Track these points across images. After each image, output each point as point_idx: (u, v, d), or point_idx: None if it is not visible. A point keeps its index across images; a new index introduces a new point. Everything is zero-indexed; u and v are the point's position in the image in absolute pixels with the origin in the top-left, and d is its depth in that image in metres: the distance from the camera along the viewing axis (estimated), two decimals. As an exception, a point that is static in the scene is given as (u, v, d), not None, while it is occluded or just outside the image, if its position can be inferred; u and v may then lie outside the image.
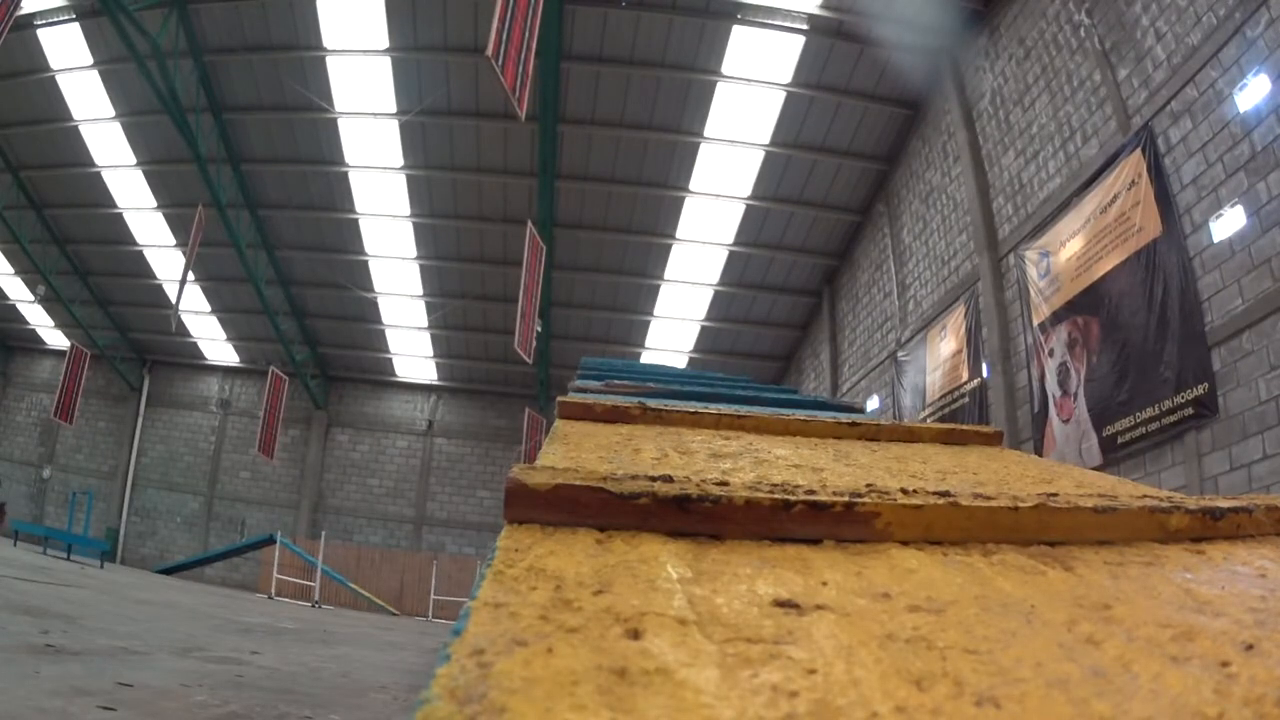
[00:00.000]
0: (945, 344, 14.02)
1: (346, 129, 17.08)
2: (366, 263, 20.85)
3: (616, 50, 14.98)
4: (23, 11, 12.67)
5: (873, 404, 16.58)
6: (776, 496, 0.87)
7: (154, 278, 22.19)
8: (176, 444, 25.57)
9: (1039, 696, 0.51)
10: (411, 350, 24.51)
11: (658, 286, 20.40)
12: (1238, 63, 8.19)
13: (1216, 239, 8.35)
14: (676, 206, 17.91)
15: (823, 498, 0.88)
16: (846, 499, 0.88)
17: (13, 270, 22.65)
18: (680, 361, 21.93)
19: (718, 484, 0.91)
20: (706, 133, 16.21)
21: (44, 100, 16.95)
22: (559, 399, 2.03)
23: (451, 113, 16.33)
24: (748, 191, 17.47)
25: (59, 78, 16.47)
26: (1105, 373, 9.90)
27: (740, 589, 0.71)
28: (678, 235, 18.64)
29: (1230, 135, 8.27)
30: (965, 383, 13.18)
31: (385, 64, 15.49)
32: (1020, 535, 0.90)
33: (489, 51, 8.65)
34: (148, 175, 18.83)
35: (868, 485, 1.03)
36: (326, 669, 3.25)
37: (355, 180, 18.34)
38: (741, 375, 5.36)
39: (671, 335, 22.32)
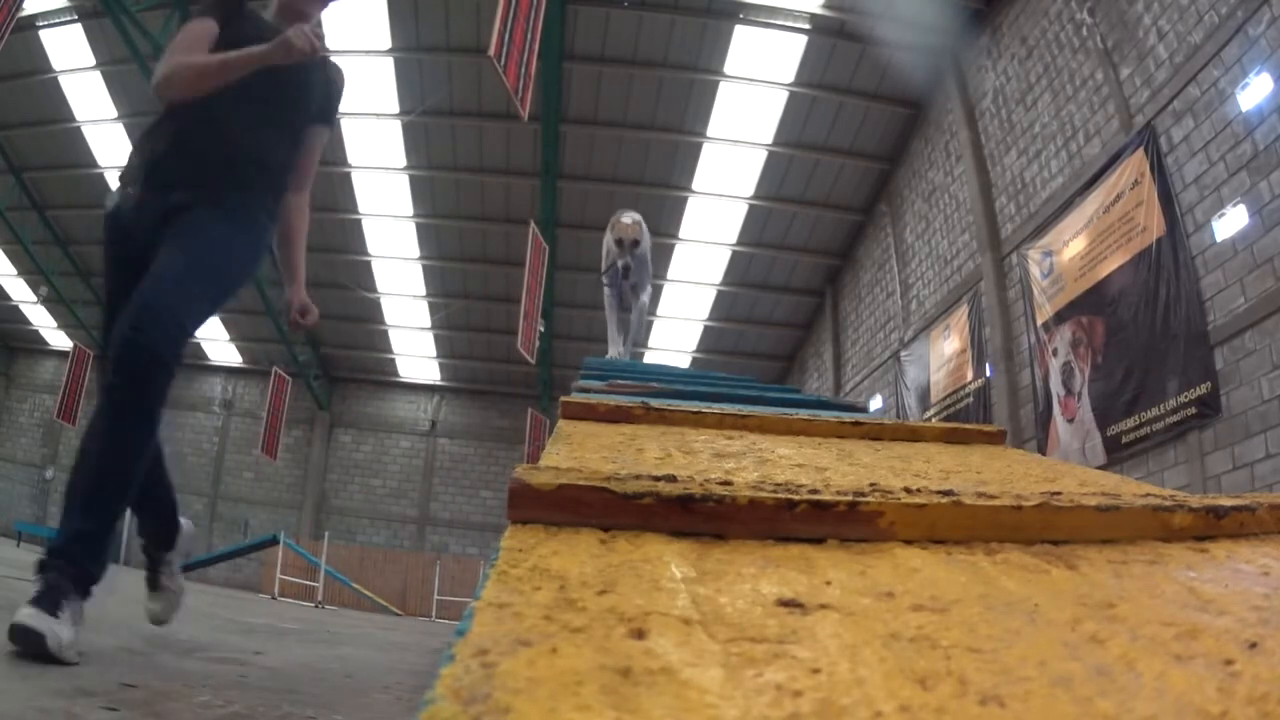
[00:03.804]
0: (948, 343, 14.01)
1: (349, 129, 17.09)
2: (369, 263, 20.86)
3: (619, 50, 14.98)
4: (24, 13, 12.69)
5: (876, 403, 16.57)
6: (780, 496, 0.87)
7: (157, 279, 22.18)
8: (180, 445, 25.54)
9: (1043, 695, 0.51)
10: (414, 350, 24.52)
11: (661, 286, 20.40)
12: (1240, 61, 8.18)
13: (1219, 238, 8.34)
14: (679, 206, 17.91)
15: (826, 497, 0.88)
16: (850, 498, 0.88)
17: (15, 271, 22.68)
18: (683, 361, 21.93)
19: (721, 484, 0.91)
20: (709, 133, 16.21)
21: (46, 101, 16.97)
22: (562, 399, 2.03)
23: (454, 113, 16.33)
24: (750, 191, 17.46)
25: (61, 79, 16.49)
26: (1109, 372, 9.89)
27: (744, 588, 0.71)
28: (680, 235, 18.64)
29: (1232, 134, 8.26)
30: (969, 382, 13.16)
31: (388, 64, 15.50)
32: (1024, 534, 0.90)
33: (491, 51, 8.66)
34: (150, 176, 18.82)
35: (871, 484, 1.03)
36: (330, 669, 3.25)
37: (358, 181, 18.34)
38: (744, 375, 5.36)
39: (674, 335, 22.32)
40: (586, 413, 1.91)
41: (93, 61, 16.04)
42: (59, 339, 25.18)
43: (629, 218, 6.60)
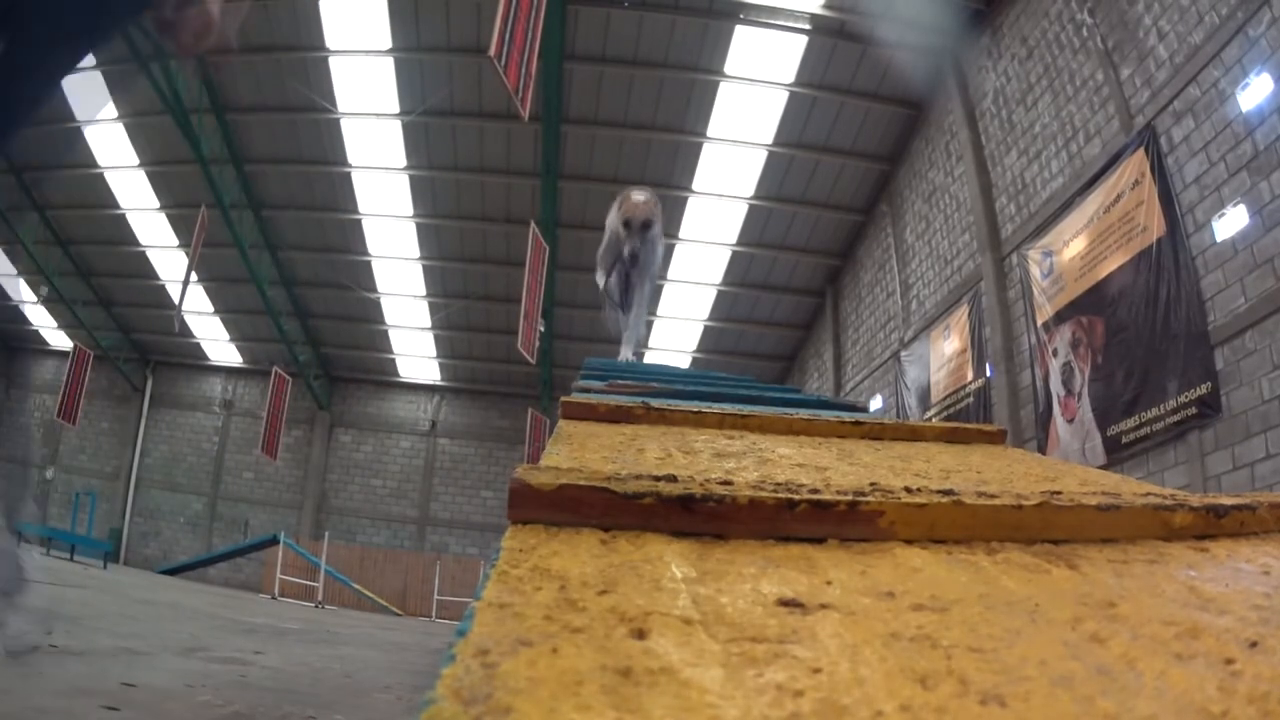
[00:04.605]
0: (949, 344, 14.01)
1: (349, 129, 17.10)
2: (369, 263, 20.87)
3: (619, 50, 14.98)
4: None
5: (876, 403, 16.57)
6: (780, 496, 0.87)
7: (157, 278, 22.22)
8: (180, 444, 25.59)
9: (1044, 694, 0.51)
10: (415, 351, 24.53)
11: (661, 286, 20.40)
12: (1240, 62, 8.18)
13: (1219, 238, 8.35)
14: (680, 207, 17.91)
15: (827, 497, 0.88)
16: (850, 498, 0.88)
17: (15, 271, 22.68)
18: (684, 361, 21.93)
19: (722, 483, 0.91)
20: (709, 133, 16.22)
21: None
22: (562, 399, 2.03)
23: (454, 113, 16.34)
24: (751, 191, 17.47)
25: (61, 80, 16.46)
26: (1109, 372, 9.89)
27: (745, 588, 0.71)
28: (681, 235, 18.64)
29: (1233, 134, 8.26)
30: (969, 382, 13.17)
31: (388, 64, 15.51)
32: (1024, 533, 0.90)
33: (492, 51, 8.66)
34: (150, 176, 18.85)
35: (871, 484, 1.03)
36: (330, 669, 3.25)
37: (358, 181, 18.35)
38: (745, 375, 5.34)
39: (675, 335, 22.32)
40: (587, 413, 1.91)
41: (93, 62, 16.03)
42: (59, 339, 25.19)
43: (641, 194, 5.49)
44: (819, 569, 0.78)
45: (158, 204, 19.66)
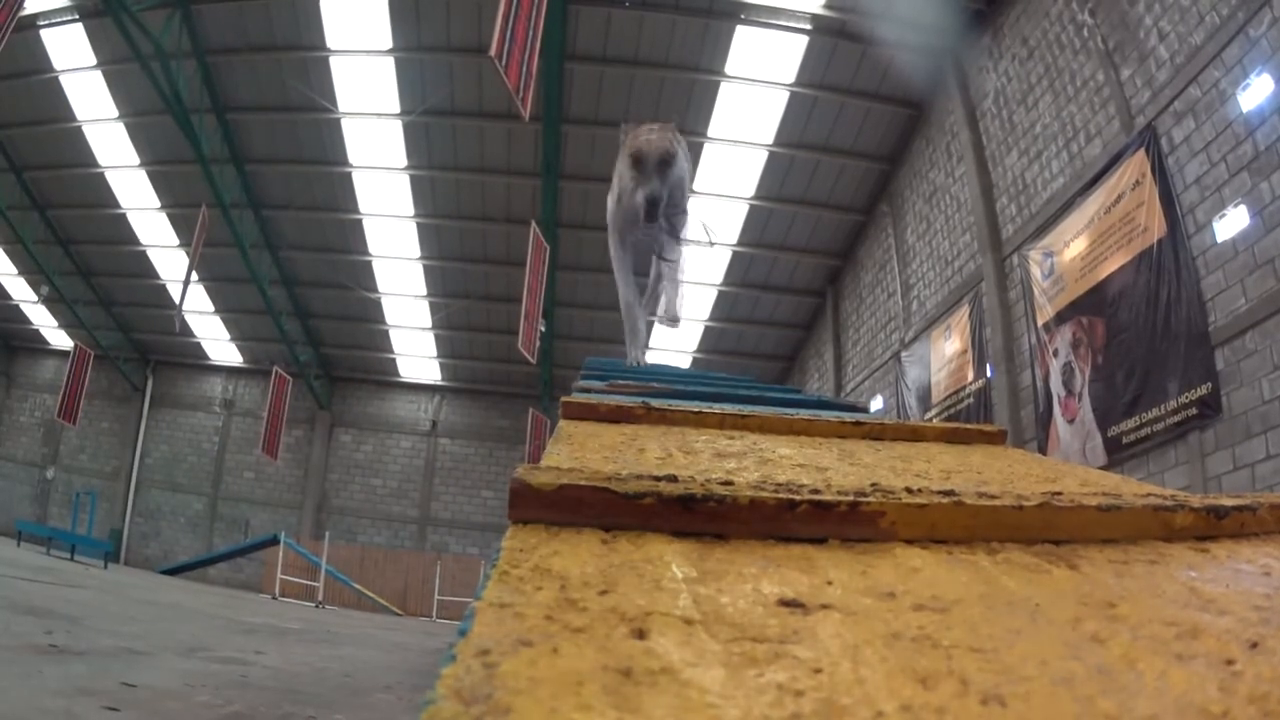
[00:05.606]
0: (949, 344, 14.01)
1: (350, 129, 17.10)
2: (370, 263, 20.87)
3: (620, 50, 14.98)
4: (25, 12, 12.69)
5: (876, 404, 16.57)
6: (781, 496, 0.87)
7: (157, 278, 22.22)
8: (180, 444, 25.59)
9: (1044, 694, 0.51)
10: (415, 350, 24.52)
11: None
12: (1240, 62, 8.18)
13: (1220, 239, 8.34)
14: (679, 207, 17.87)
15: (827, 497, 0.88)
16: (851, 498, 0.88)
17: (16, 271, 22.69)
18: (684, 361, 21.92)
19: (722, 484, 0.91)
20: (710, 133, 16.20)
21: (47, 101, 16.97)
22: (563, 399, 2.03)
23: (455, 113, 16.34)
24: (751, 191, 17.46)
25: (62, 78, 16.49)
26: (1110, 373, 9.88)
27: (745, 588, 0.71)
28: (681, 235, 18.60)
29: (1233, 135, 8.26)
30: (970, 383, 13.16)
31: (389, 64, 15.50)
32: (1025, 534, 0.90)
33: (492, 51, 8.65)
34: (151, 176, 18.85)
35: (872, 484, 1.03)
36: (331, 669, 3.25)
37: (359, 181, 18.35)
38: (745, 375, 5.34)
39: (675, 335, 22.29)
40: (588, 413, 1.91)
41: (93, 61, 16.04)
42: (60, 338, 25.19)
43: (651, 130, 4.05)
44: (819, 569, 0.78)
45: (158, 203, 19.66)
